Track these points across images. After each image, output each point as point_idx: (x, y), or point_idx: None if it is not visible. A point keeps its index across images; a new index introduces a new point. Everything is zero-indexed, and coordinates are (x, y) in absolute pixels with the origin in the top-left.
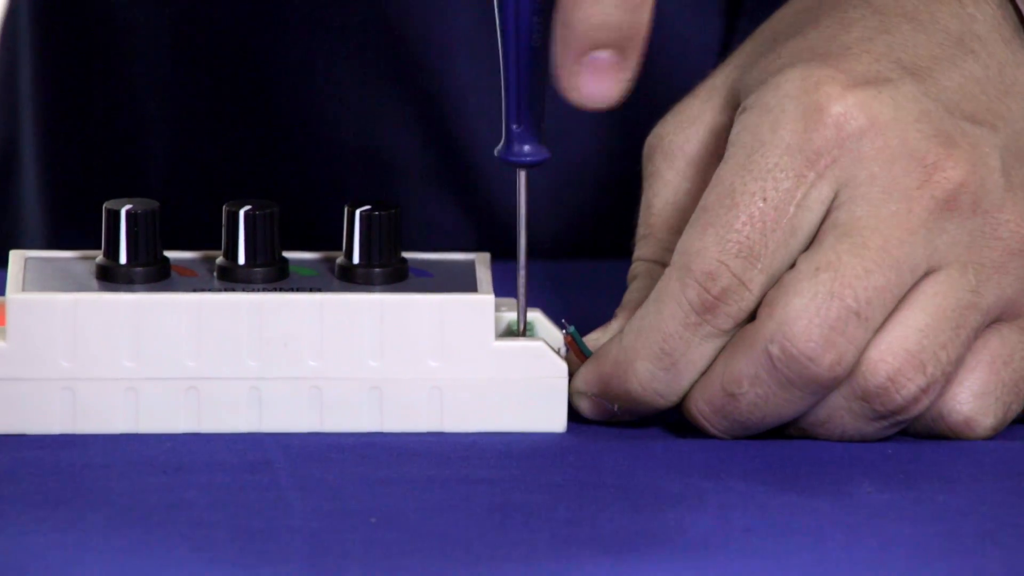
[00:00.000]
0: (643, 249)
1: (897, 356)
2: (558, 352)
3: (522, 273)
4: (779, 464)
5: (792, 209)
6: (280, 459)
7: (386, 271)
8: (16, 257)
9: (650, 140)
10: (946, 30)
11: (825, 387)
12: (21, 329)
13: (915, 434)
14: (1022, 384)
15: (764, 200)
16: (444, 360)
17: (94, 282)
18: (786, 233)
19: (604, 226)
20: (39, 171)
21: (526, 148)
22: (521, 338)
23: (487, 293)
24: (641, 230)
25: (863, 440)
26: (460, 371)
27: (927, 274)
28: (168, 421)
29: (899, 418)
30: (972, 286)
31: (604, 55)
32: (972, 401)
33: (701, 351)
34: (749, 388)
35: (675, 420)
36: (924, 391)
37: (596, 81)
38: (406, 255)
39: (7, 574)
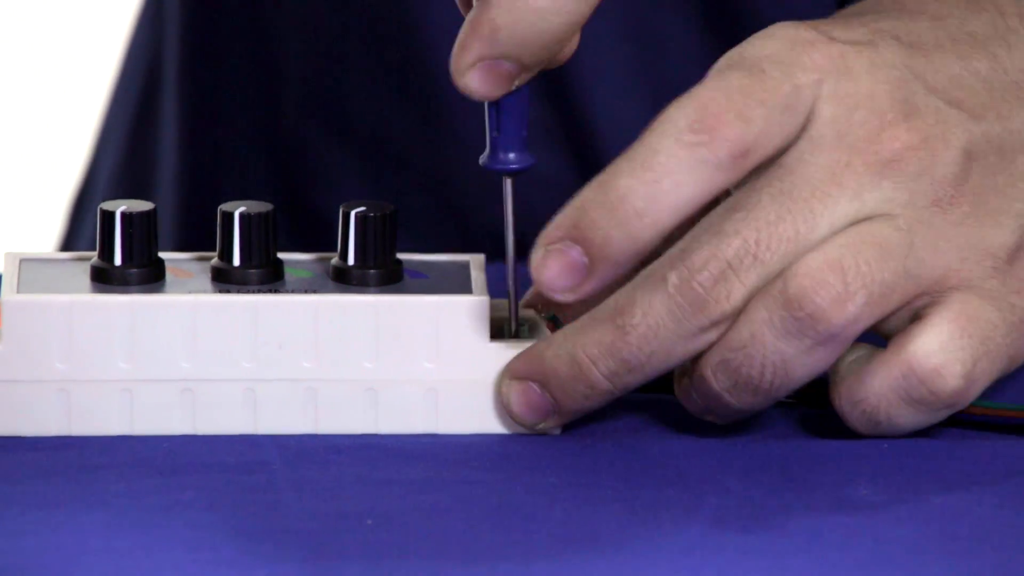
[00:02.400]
0: None
1: (818, 263)
2: None
3: (511, 275)
4: (776, 465)
5: (788, 87)
6: (276, 460)
7: (381, 273)
8: (10, 258)
9: None
10: (970, 33)
11: (712, 322)
12: (16, 331)
13: (896, 418)
14: (990, 344)
15: (763, 71)
16: (439, 362)
17: (89, 284)
18: (781, 101)
19: None
20: (179, 95)
21: (511, 156)
22: (516, 339)
23: (482, 295)
24: None
25: (788, 374)
26: (455, 372)
27: (852, 224)
28: (163, 423)
29: (821, 329)
30: (901, 229)
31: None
32: (939, 351)
33: (689, 176)
34: (641, 319)
35: (673, 423)
36: (843, 297)
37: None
38: (400, 256)
39: None
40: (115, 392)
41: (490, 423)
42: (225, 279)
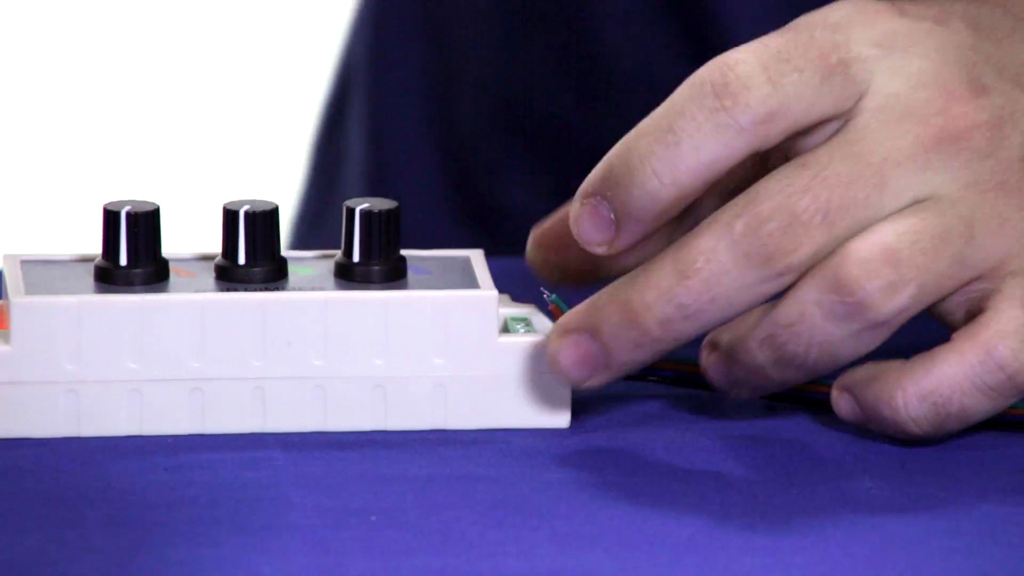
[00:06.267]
0: None
1: (873, 249)
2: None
3: None
4: (779, 462)
5: (835, 58)
6: (280, 456)
7: (386, 269)
8: (11, 260)
9: None
10: None
11: (777, 273)
12: (25, 332)
13: (968, 408)
14: None
15: (811, 37)
16: (448, 357)
17: (93, 284)
18: (823, 70)
19: None
20: (366, 96)
21: None
22: (525, 334)
23: (490, 289)
24: None
25: (832, 355)
26: (464, 368)
27: (918, 202)
28: (172, 422)
29: (869, 316)
30: (963, 215)
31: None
32: (1014, 336)
33: (709, 139)
34: (704, 264)
35: (677, 419)
36: (894, 287)
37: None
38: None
39: (7, 573)
40: (124, 392)
41: (500, 418)
42: (229, 277)
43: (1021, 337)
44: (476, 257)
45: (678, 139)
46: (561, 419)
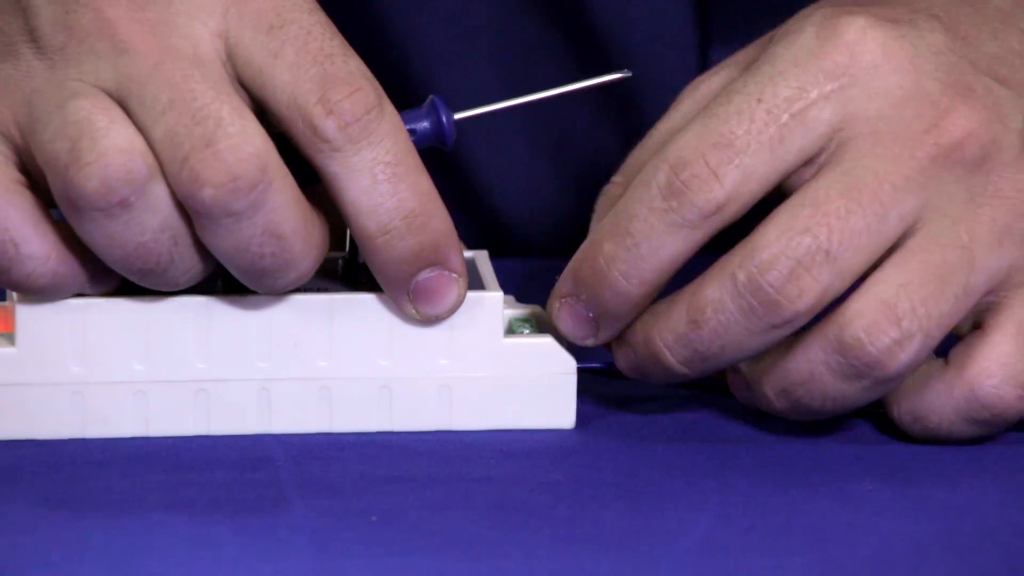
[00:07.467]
0: (624, 171)
1: (873, 308)
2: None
3: None
4: (780, 463)
5: (786, 117)
6: (280, 457)
7: None
8: None
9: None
10: (997, 8)
11: (785, 321)
12: (30, 334)
13: (956, 433)
14: None
15: (759, 101)
16: (454, 358)
17: None
18: (773, 137)
19: None
20: None
21: None
22: (530, 335)
23: (495, 290)
24: (633, 151)
25: (846, 405)
26: (470, 368)
27: (917, 227)
28: (178, 424)
29: (877, 375)
30: (963, 242)
31: (431, 274)
32: (1000, 373)
33: (666, 239)
34: (712, 314)
35: (678, 420)
36: (899, 344)
37: (434, 302)
38: None
39: (8, 573)
40: (130, 394)
41: (505, 419)
42: (235, 279)
43: (1006, 375)
44: (481, 258)
45: (636, 242)
46: (566, 419)
